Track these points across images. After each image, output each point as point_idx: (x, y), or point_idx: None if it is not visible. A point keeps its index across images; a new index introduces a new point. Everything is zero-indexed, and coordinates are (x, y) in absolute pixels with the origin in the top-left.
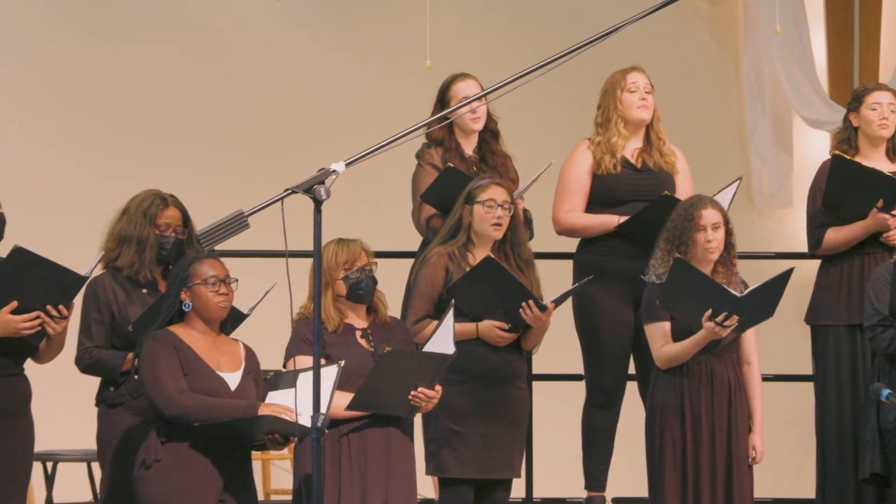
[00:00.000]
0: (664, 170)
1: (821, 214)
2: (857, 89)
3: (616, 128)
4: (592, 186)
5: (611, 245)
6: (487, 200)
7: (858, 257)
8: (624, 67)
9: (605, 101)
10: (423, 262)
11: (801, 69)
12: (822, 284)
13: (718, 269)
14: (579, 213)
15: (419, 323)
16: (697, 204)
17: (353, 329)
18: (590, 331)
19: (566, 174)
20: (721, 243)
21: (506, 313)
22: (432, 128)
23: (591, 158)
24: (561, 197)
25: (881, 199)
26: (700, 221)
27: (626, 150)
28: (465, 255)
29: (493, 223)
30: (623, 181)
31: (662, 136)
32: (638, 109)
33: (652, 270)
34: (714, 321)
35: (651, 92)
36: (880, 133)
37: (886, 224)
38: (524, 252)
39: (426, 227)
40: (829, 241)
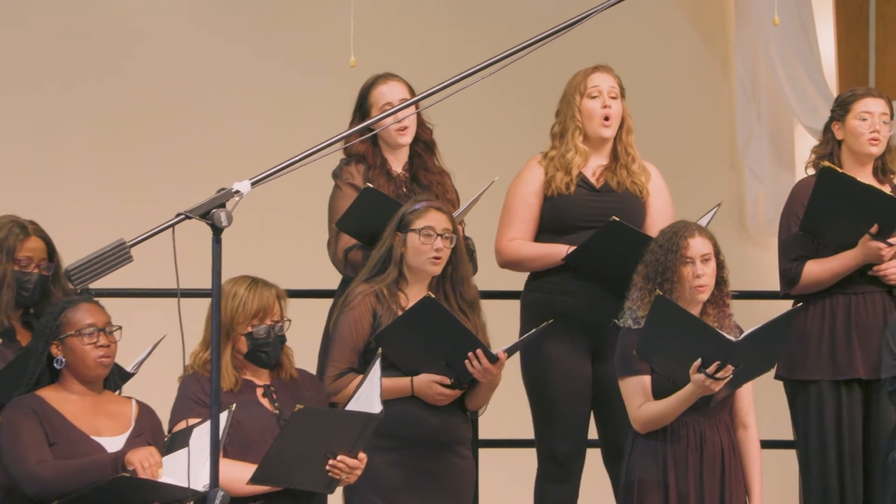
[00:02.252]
0: (630, 191)
1: (797, 243)
2: (844, 94)
3: (573, 141)
4: (542, 210)
5: (562, 281)
6: (424, 228)
7: (844, 296)
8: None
9: (563, 108)
10: (345, 304)
11: (804, 68)
12: (800, 330)
13: (709, 311)
14: (524, 242)
15: (340, 378)
16: (683, 232)
17: (254, 386)
18: (539, 387)
19: (511, 195)
20: (712, 279)
21: (447, 365)
22: (350, 141)
23: (542, 176)
24: (504, 222)
25: (876, 224)
26: (687, 252)
27: (588, 166)
28: (397, 295)
29: (431, 256)
30: (575, 203)
31: (632, 151)
32: (600, 122)
33: (628, 314)
34: (704, 373)
35: (619, 97)
36: (869, 149)
37: (880, 255)
38: (468, 291)
39: (343, 260)
40: (808, 277)
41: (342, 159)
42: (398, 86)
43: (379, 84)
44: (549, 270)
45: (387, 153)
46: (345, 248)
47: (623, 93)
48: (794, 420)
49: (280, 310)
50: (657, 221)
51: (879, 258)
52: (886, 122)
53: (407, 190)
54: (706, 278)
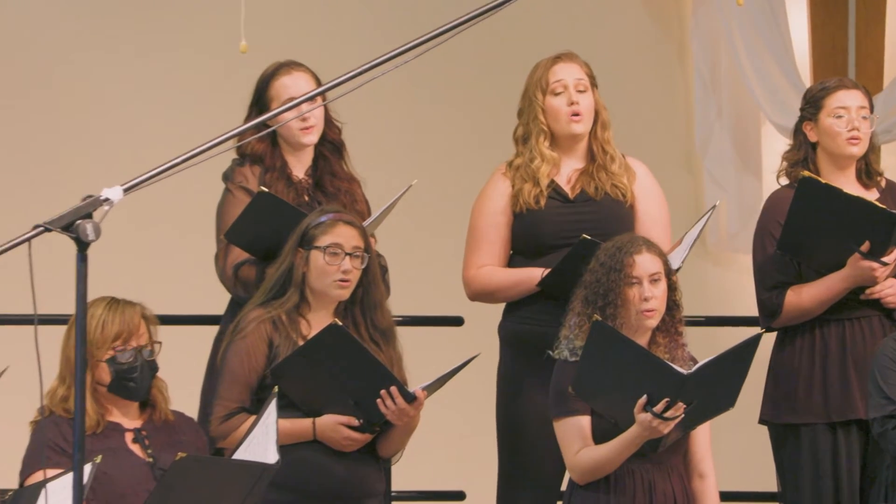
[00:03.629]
0: (611, 196)
1: (775, 267)
2: (813, 89)
3: (538, 147)
4: (513, 229)
5: (539, 309)
6: (330, 246)
7: (836, 324)
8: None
9: (524, 108)
10: (236, 332)
11: (773, 55)
12: (787, 366)
13: (658, 340)
14: (494, 269)
15: (229, 420)
16: (628, 247)
17: (122, 430)
18: (510, 427)
19: (476, 215)
20: (662, 303)
21: (356, 405)
22: (245, 139)
23: (509, 190)
24: (471, 248)
25: (867, 241)
26: (632, 271)
27: (561, 173)
28: (297, 322)
29: (337, 279)
30: (548, 219)
31: (611, 149)
32: (568, 119)
33: (564, 344)
34: (651, 412)
35: (588, 89)
36: (848, 150)
37: (872, 275)
38: (381, 318)
39: (233, 278)
40: (791, 307)
41: (234, 160)
42: (304, 77)
43: (281, 74)
44: (527, 298)
45: (288, 155)
46: (235, 263)
47: (594, 82)
48: (781, 470)
49: (147, 332)
50: (649, 229)
51: (873, 279)
52: (866, 117)
53: (310, 198)
54: (655, 301)
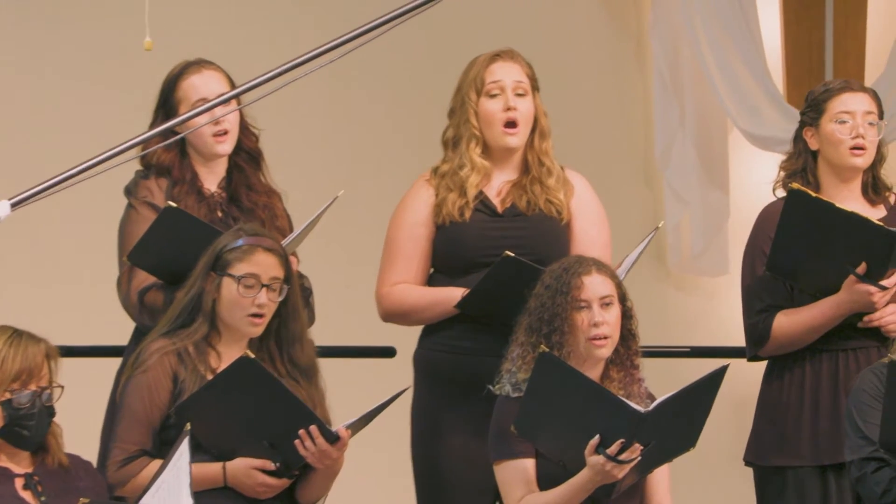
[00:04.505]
0: (545, 213)
1: (765, 290)
2: (816, 90)
3: (468, 154)
4: (434, 244)
5: (458, 335)
6: (246, 276)
7: (829, 355)
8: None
9: (456, 108)
10: (136, 365)
11: (742, 55)
12: (773, 402)
13: (612, 375)
14: (410, 287)
15: (129, 464)
16: (576, 268)
17: (10, 475)
18: (427, 468)
19: (393, 226)
20: (615, 330)
21: (272, 447)
22: (149, 148)
23: (432, 199)
24: (386, 263)
25: (864, 262)
26: (580, 294)
27: (491, 184)
28: (206, 353)
29: (250, 313)
30: (472, 233)
31: (548, 161)
32: (502, 130)
33: (506, 378)
34: (604, 454)
35: (528, 93)
36: (852, 161)
37: (870, 301)
38: (300, 353)
39: (138, 305)
40: (780, 333)
41: (138, 172)
42: (216, 77)
43: (190, 74)
44: (445, 322)
45: (199, 165)
46: (140, 288)
47: (535, 86)
48: None
49: (49, 373)
50: (586, 250)
51: (870, 305)
52: (873, 124)
53: (224, 213)
54: (606, 328)
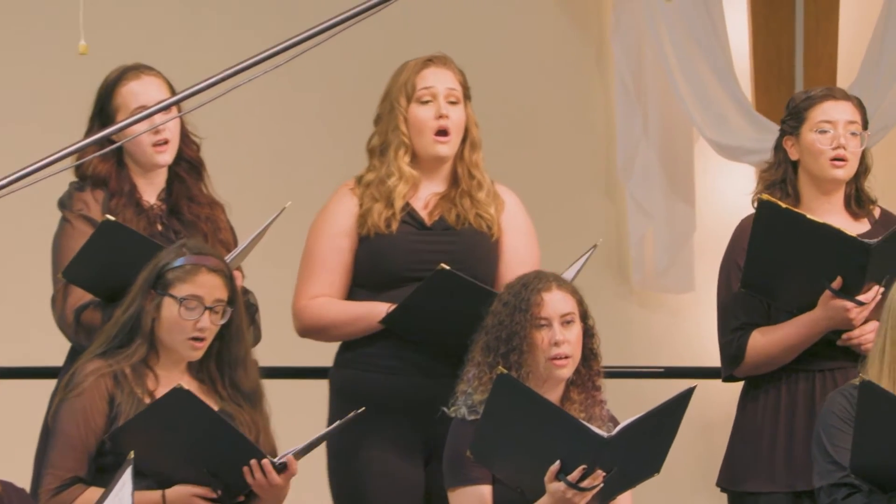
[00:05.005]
0: (474, 227)
1: (740, 306)
2: (797, 97)
3: (397, 162)
4: (356, 256)
5: (381, 353)
6: (189, 298)
7: (805, 376)
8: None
9: (384, 114)
10: (70, 388)
11: (708, 61)
12: (747, 425)
13: (573, 396)
14: (330, 301)
15: (62, 492)
16: (535, 284)
17: None
18: (350, 496)
19: (313, 236)
20: (577, 349)
21: (214, 476)
22: (85, 158)
23: (355, 209)
24: (304, 275)
25: (839, 277)
26: (540, 312)
27: (418, 196)
28: (144, 376)
29: (190, 337)
30: (398, 246)
31: (479, 174)
32: (433, 138)
33: (461, 400)
34: (565, 480)
35: (460, 101)
36: (832, 173)
37: (847, 317)
38: (244, 379)
39: (74, 324)
40: (755, 352)
41: (73, 183)
42: (155, 83)
43: (128, 79)
44: (365, 339)
45: (137, 177)
46: (76, 306)
47: (467, 94)
48: None
49: None
50: (514, 268)
51: (848, 322)
52: (856, 134)
53: (164, 227)
54: (567, 347)
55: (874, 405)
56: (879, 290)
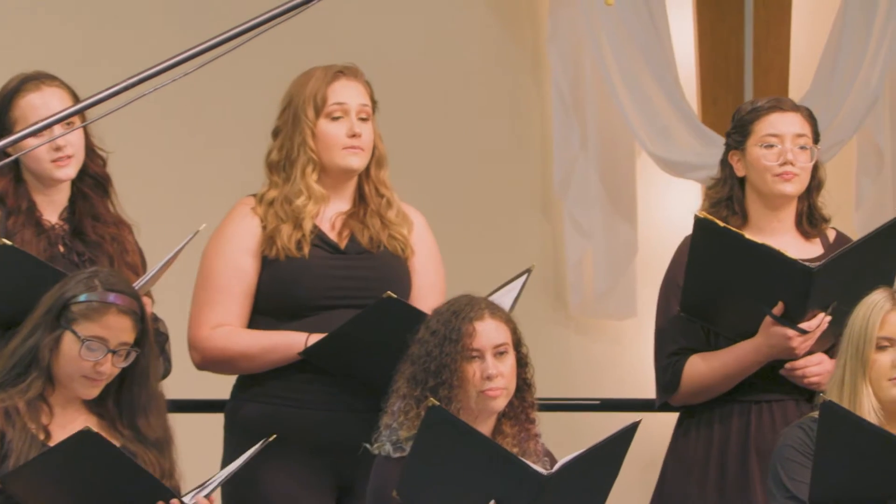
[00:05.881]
0: (389, 250)
1: (678, 331)
2: (742, 109)
3: (306, 179)
4: (261, 281)
5: (293, 386)
6: (93, 339)
7: (740, 407)
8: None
9: (286, 127)
10: None
11: (651, 69)
12: (678, 458)
13: (505, 430)
14: (235, 331)
15: None
16: (467, 312)
17: None
18: None
19: (210, 256)
20: (511, 381)
21: None
22: None
23: (258, 230)
24: (201, 301)
25: (781, 302)
26: (472, 343)
27: (324, 215)
28: (38, 411)
29: (88, 376)
30: (312, 272)
31: (387, 193)
32: (344, 152)
33: (385, 435)
34: None
35: (370, 117)
36: (779, 188)
37: (789, 346)
38: (148, 426)
39: None
40: (692, 379)
41: None
42: (58, 94)
43: (27, 91)
44: (273, 370)
45: (37, 193)
46: None
47: (375, 107)
48: None
49: None
50: (425, 291)
51: (791, 352)
52: (805, 148)
53: (66, 248)
54: (501, 380)
55: (836, 427)
56: (825, 318)
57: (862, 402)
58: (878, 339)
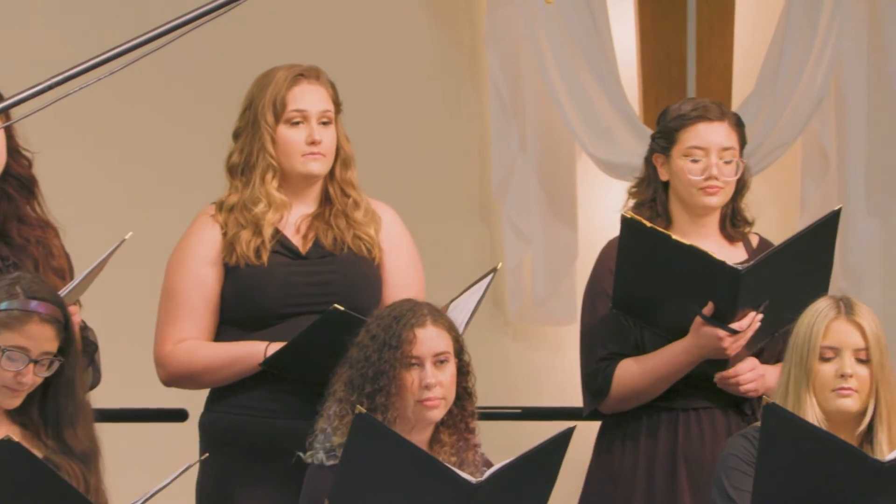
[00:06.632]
0: (354, 252)
1: (607, 332)
2: (670, 113)
3: (265, 186)
4: (224, 291)
5: (258, 396)
6: (13, 349)
7: (668, 415)
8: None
9: (245, 127)
10: None
11: (592, 70)
12: (603, 468)
13: (443, 439)
14: (197, 344)
15: None
16: (409, 318)
17: None
18: None
19: (172, 271)
20: (450, 390)
21: None
22: None
23: (218, 238)
24: (166, 316)
25: (711, 302)
26: (412, 350)
27: (288, 220)
28: None
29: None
30: (272, 280)
31: (354, 193)
32: (303, 159)
33: (320, 440)
34: None
35: (332, 121)
36: (703, 201)
37: (720, 346)
38: (74, 438)
39: None
40: (623, 383)
41: None
42: None
43: None
44: (239, 381)
45: None
46: None
47: (339, 109)
48: None
49: None
50: (400, 291)
51: (721, 351)
52: (730, 162)
53: None
54: (440, 389)
55: (779, 429)
56: (756, 316)
57: (806, 412)
58: (821, 348)
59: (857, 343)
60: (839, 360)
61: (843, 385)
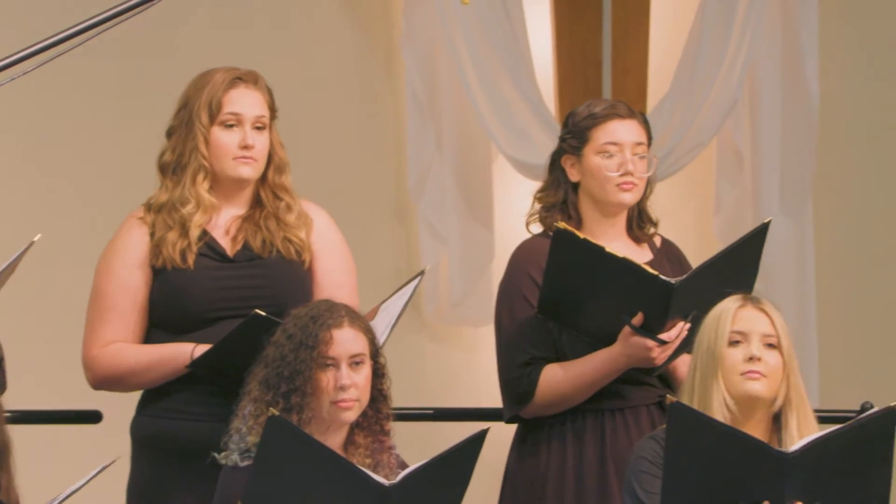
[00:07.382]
0: (283, 255)
1: (527, 337)
2: (579, 114)
3: (196, 188)
4: (152, 293)
5: (188, 399)
6: None
7: (593, 416)
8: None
9: (179, 127)
10: None
11: (508, 70)
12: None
13: (358, 441)
14: (124, 347)
15: None
16: (325, 318)
17: None
18: None
19: (100, 274)
20: (364, 392)
21: None
22: None
23: (146, 240)
24: (94, 320)
25: (640, 313)
26: (328, 350)
27: (217, 222)
28: None
29: None
30: (198, 283)
31: (287, 197)
32: (234, 162)
33: (232, 443)
34: None
35: (266, 127)
36: (619, 198)
37: (648, 356)
38: None
39: None
40: (547, 389)
41: None
42: None
43: None
44: (167, 384)
45: None
46: None
47: (274, 115)
48: None
49: None
50: (332, 293)
51: (649, 361)
52: (643, 157)
53: None
54: (354, 391)
55: (684, 427)
56: (685, 325)
57: (712, 400)
58: (730, 333)
59: (765, 329)
60: (747, 344)
61: (752, 368)
